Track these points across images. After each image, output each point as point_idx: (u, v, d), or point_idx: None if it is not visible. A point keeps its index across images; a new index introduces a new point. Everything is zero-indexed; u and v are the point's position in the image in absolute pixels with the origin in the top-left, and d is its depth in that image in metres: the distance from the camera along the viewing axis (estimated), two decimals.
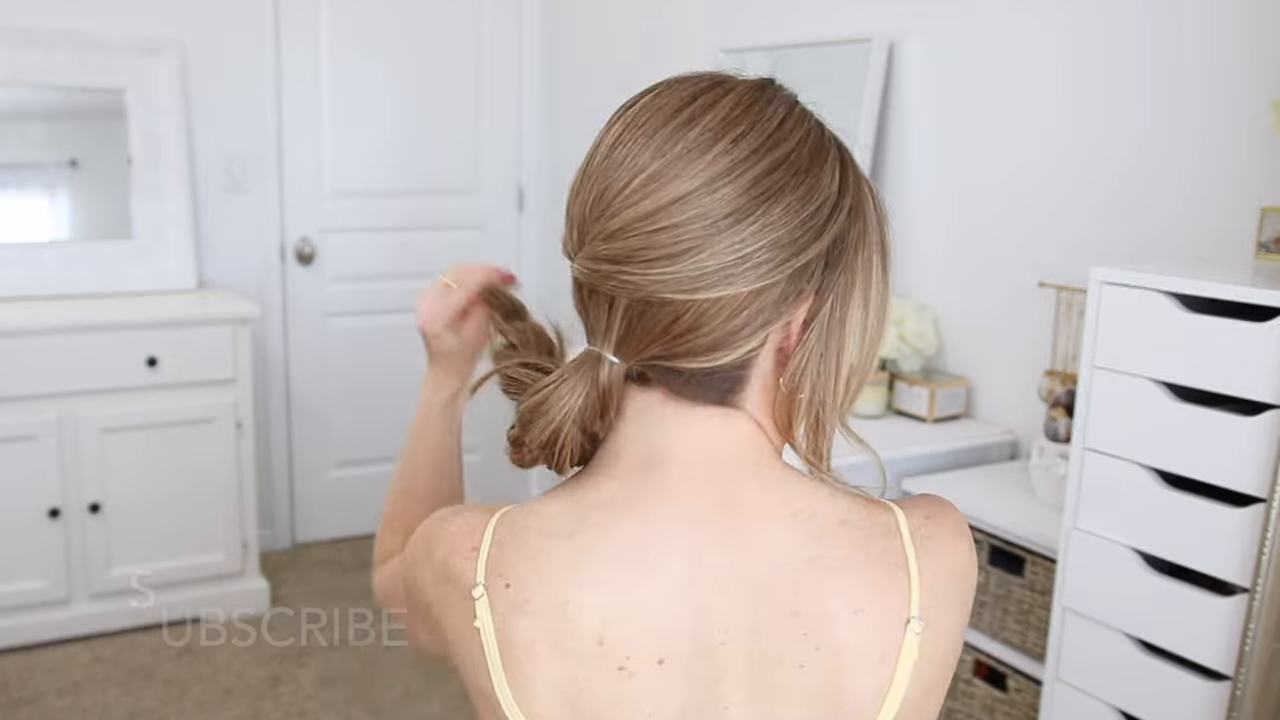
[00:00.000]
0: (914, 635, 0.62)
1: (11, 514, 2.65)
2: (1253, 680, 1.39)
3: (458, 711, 2.50)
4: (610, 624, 0.62)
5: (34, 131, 3.05)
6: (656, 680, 0.63)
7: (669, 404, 0.66)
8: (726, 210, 0.59)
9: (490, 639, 0.64)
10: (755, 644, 0.63)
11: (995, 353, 2.21)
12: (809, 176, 0.62)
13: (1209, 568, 1.44)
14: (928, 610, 0.63)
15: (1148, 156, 1.89)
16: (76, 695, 2.52)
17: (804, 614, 0.62)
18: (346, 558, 3.37)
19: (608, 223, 0.62)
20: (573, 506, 0.66)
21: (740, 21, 2.79)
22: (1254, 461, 1.36)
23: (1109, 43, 1.95)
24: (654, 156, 0.61)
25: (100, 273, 2.98)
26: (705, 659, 0.63)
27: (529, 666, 0.63)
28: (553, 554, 0.64)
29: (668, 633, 0.63)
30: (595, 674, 0.62)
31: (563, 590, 0.63)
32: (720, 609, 0.63)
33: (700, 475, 0.65)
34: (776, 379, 0.66)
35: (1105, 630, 1.56)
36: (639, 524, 0.64)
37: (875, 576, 0.63)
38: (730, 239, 0.59)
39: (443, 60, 3.45)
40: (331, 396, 3.46)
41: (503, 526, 0.67)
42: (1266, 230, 1.65)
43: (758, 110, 0.63)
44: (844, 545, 0.63)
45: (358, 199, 3.40)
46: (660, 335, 0.62)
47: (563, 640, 0.63)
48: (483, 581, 0.65)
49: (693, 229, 0.59)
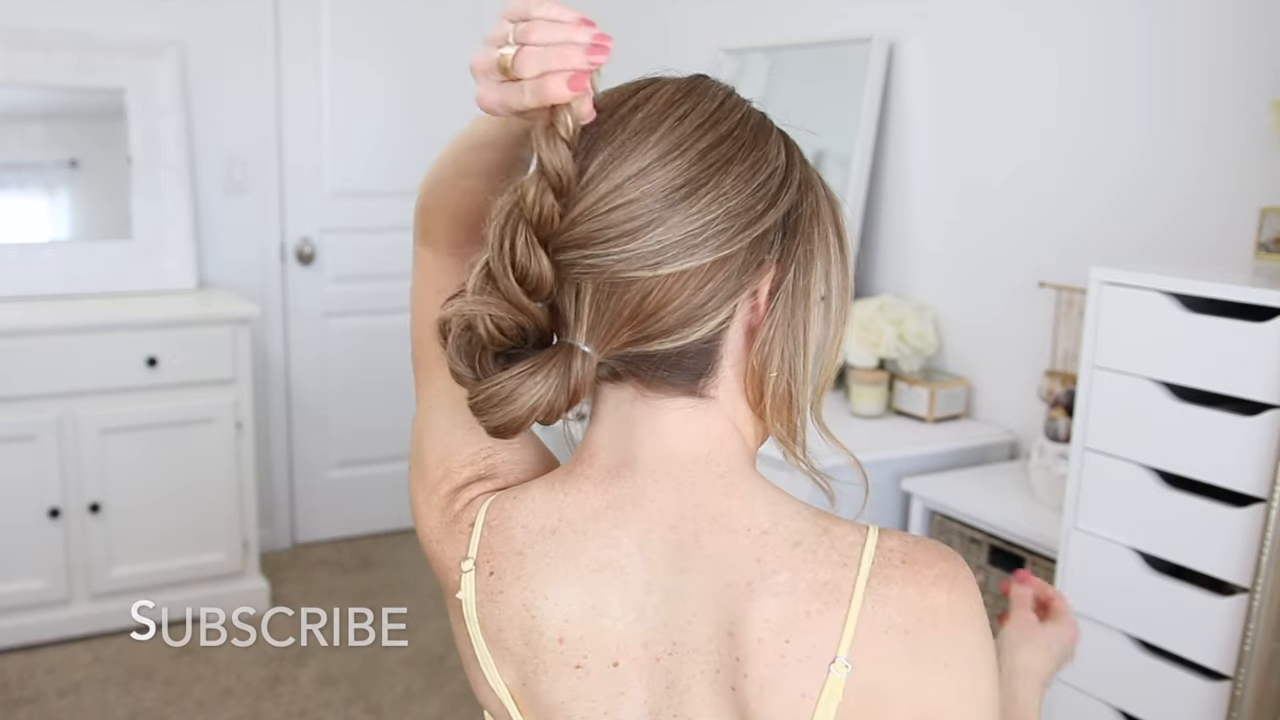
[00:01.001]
0: (838, 677, 0.59)
1: (11, 514, 2.65)
2: (1252, 680, 1.39)
3: (458, 711, 2.50)
4: (571, 624, 0.65)
5: (34, 131, 3.05)
6: (612, 682, 0.65)
7: (639, 402, 0.66)
8: (680, 183, 0.60)
9: (471, 613, 0.69)
10: (698, 659, 0.63)
11: (995, 353, 2.21)
12: (755, 149, 0.64)
13: (1209, 568, 1.44)
14: (862, 654, 0.59)
15: (1147, 156, 1.89)
16: (76, 695, 2.52)
17: (738, 637, 0.61)
18: (346, 558, 3.37)
19: (568, 211, 0.62)
20: (554, 501, 0.68)
21: (740, 22, 2.79)
22: (1254, 461, 1.36)
23: (1109, 43, 1.95)
24: (603, 143, 0.62)
25: (100, 273, 2.98)
26: (655, 667, 0.64)
27: (499, 647, 0.68)
28: (534, 549, 0.67)
29: (622, 638, 0.65)
30: (554, 668, 0.66)
31: (534, 587, 0.66)
32: (669, 620, 0.64)
33: (666, 482, 0.65)
34: (748, 356, 0.66)
35: (1105, 630, 1.56)
36: (606, 529, 0.66)
37: (811, 606, 0.60)
38: (686, 210, 0.60)
39: (442, 60, 3.45)
40: (331, 396, 3.46)
41: (494, 509, 0.70)
42: (1266, 230, 1.65)
43: (698, 94, 0.65)
44: (788, 569, 0.61)
45: (358, 199, 3.40)
46: (630, 318, 0.62)
47: (528, 633, 0.66)
48: (473, 559, 0.69)
49: (648, 204, 0.60)
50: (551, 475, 0.70)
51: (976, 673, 0.62)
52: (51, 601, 2.72)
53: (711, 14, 2.89)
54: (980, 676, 0.62)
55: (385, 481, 3.55)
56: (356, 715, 2.47)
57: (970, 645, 0.61)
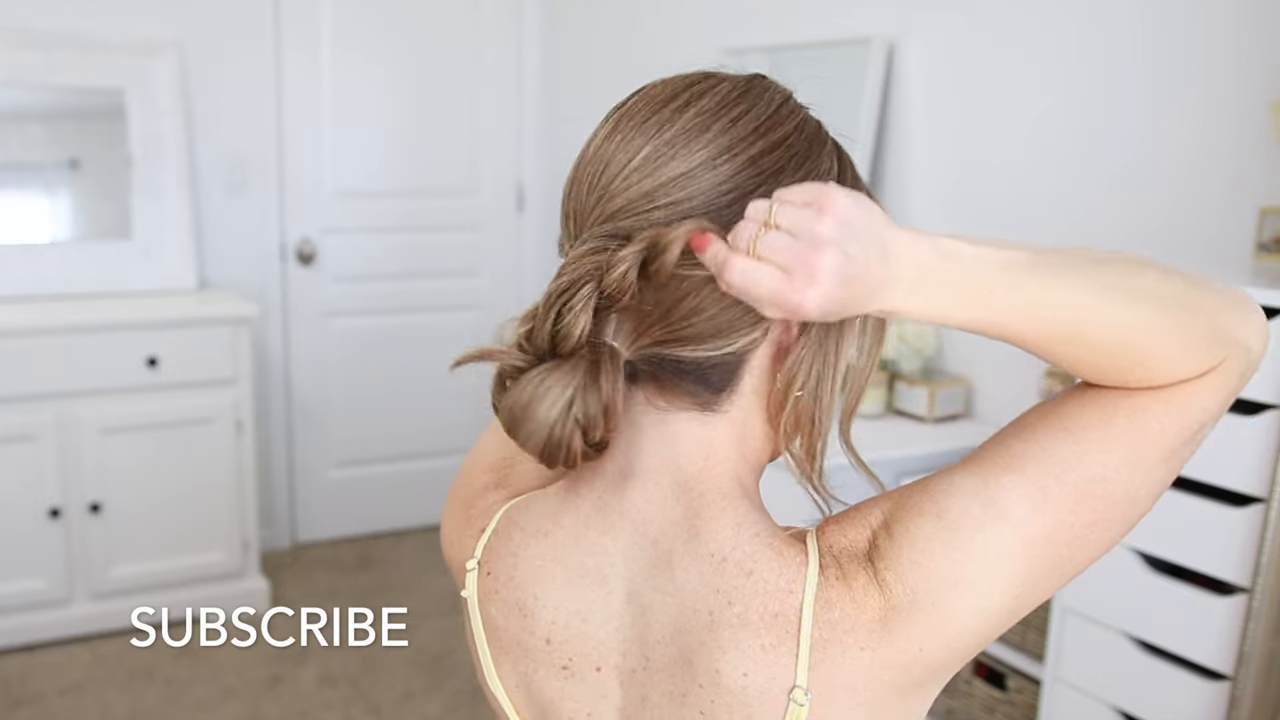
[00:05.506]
0: (798, 706, 0.58)
1: (11, 514, 2.65)
2: (1252, 680, 1.40)
3: (458, 712, 2.50)
4: (558, 626, 0.66)
5: (34, 131, 3.05)
6: (595, 685, 0.66)
7: (649, 410, 0.64)
8: (727, 188, 0.59)
9: (475, 610, 0.70)
10: (667, 679, 0.62)
11: (995, 353, 2.21)
12: (808, 160, 0.62)
13: (1208, 568, 1.44)
14: (822, 683, 0.58)
15: (1146, 157, 1.89)
16: (76, 695, 2.52)
17: (699, 666, 0.60)
18: (346, 558, 3.37)
19: (607, 205, 0.60)
20: (555, 506, 0.68)
21: (740, 22, 2.79)
22: (1254, 461, 1.37)
23: (1109, 44, 1.95)
24: (651, 139, 0.60)
25: (100, 273, 2.98)
26: (631, 678, 0.65)
27: (498, 644, 0.69)
28: (528, 550, 0.67)
29: (604, 645, 0.65)
30: (544, 668, 0.67)
31: (525, 587, 0.67)
32: (642, 636, 0.64)
33: (655, 493, 0.64)
34: (773, 376, 0.64)
35: (1105, 630, 1.56)
36: (595, 536, 0.65)
37: (765, 640, 0.59)
38: (731, 218, 0.57)
39: (443, 60, 3.45)
40: (331, 396, 3.46)
41: (506, 515, 0.70)
42: (1266, 231, 1.65)
43: (754, 96, 0.62)
44: (741, 601, 0.59)
45: (358, 199, 3.40)
46: (662, 318, 0.60)
47: (520, 633, 0.67)
48: (479, 559, 0.70)
49: (693, 205, 0.58)
50: (564, 481, 0.69)
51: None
52: (52, 601, 2.72)
53: (712, 14, 2.89)
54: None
55: (385, 481, 3.55)
56: (356, 715, 2.47)
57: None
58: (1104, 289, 0.58)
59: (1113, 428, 0.60)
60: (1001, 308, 0.56)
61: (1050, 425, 0.61)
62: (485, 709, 0.79)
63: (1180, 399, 0.60)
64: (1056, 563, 0.59)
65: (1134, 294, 0.58)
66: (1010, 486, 0.58)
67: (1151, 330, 0.58)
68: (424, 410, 3.51)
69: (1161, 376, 0.60)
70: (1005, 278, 0.55)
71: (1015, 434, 0.61)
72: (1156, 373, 0.60)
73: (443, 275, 3.57)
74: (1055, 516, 0.58)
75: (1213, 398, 0.61)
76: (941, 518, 0.58)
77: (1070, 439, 0.60)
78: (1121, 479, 0.59)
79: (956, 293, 0.55)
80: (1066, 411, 0.62)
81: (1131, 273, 0.59)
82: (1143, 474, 0.60)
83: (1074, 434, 0.60)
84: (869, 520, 0.61)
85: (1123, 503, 0.60)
